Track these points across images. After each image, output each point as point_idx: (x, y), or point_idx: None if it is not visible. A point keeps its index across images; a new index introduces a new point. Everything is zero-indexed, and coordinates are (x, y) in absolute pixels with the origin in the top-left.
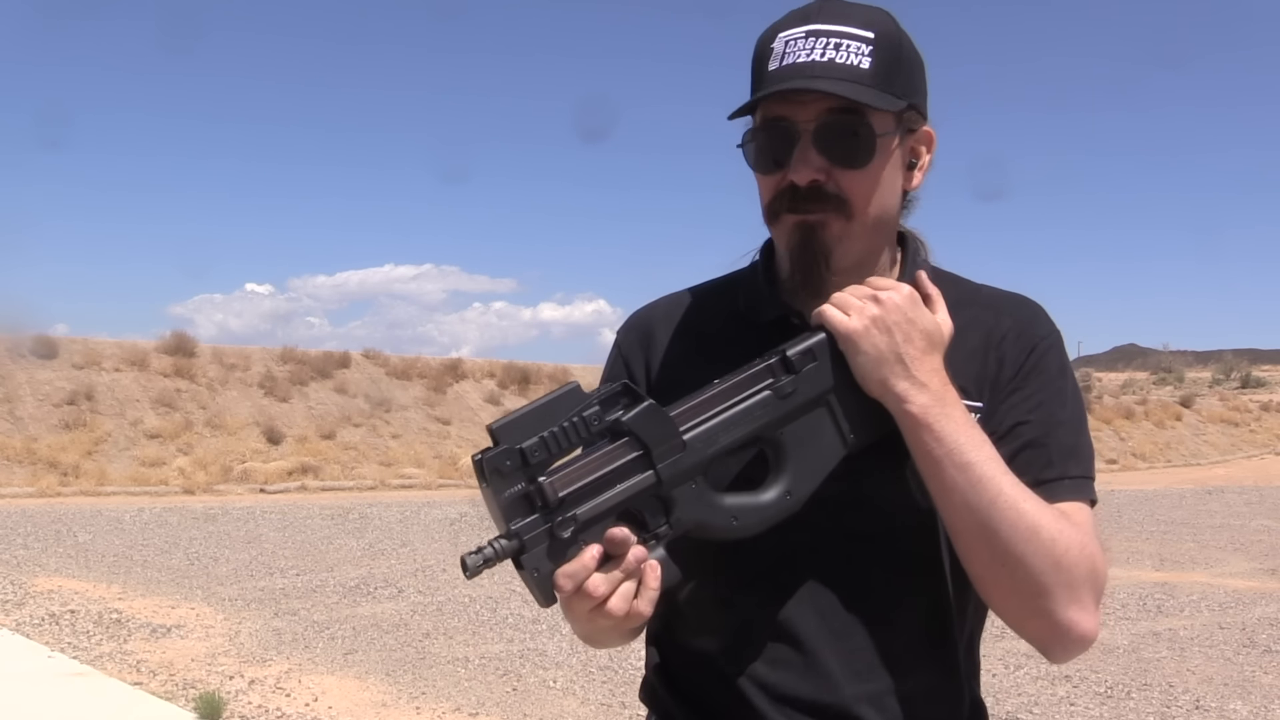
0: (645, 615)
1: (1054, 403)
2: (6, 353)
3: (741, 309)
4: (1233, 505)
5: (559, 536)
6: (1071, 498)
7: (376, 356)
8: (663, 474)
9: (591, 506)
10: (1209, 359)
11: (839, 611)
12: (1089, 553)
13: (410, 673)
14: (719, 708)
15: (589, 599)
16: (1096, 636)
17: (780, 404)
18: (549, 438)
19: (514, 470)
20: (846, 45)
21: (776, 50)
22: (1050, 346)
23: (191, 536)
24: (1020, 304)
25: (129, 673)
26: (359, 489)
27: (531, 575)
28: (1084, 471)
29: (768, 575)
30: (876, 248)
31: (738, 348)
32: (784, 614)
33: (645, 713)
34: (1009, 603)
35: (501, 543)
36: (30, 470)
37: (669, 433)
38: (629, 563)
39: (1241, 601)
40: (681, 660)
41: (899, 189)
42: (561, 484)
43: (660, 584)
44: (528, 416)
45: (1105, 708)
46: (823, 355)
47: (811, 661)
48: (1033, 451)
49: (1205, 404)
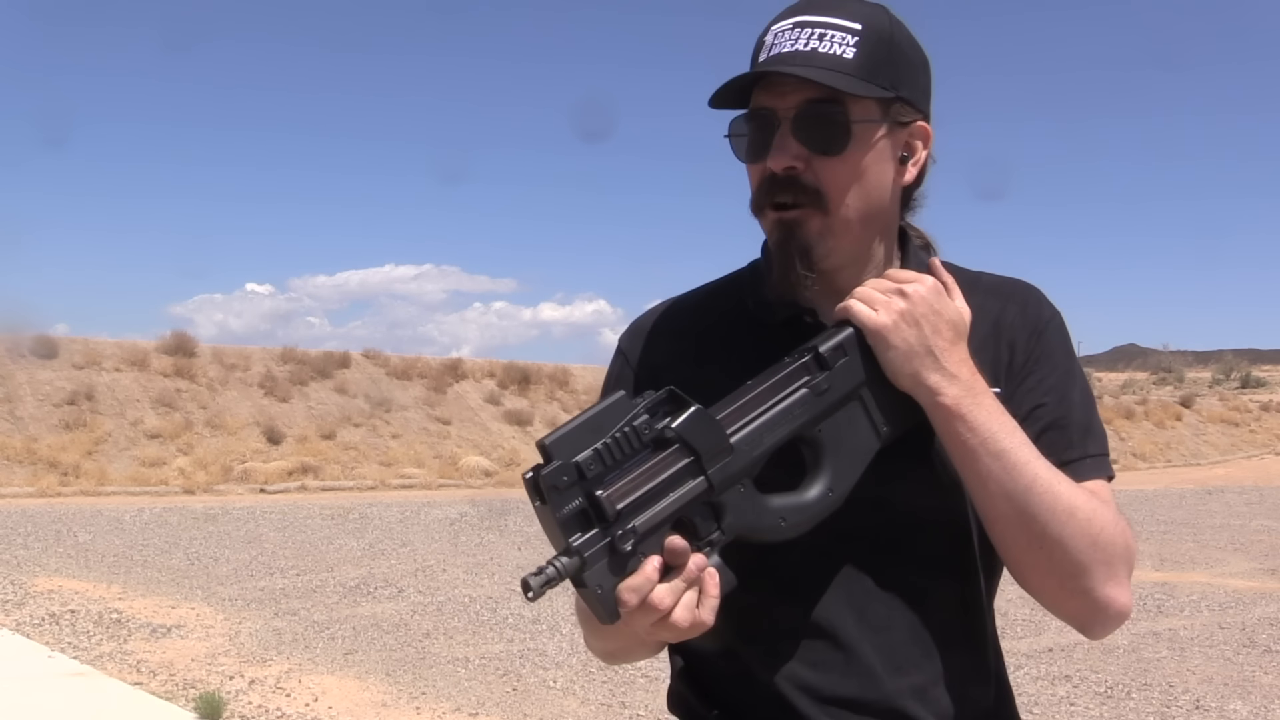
0: (708, 624)
1: (1066, 384)
2: (6, 353)
3: (750, 308)
4: (1233, 505)
5: (620, 550)
6: (1094, 475)
7: (377, 356)
8: (714, 479)
9: (649, 517)
10: (1209, 359)
11: (874, 607)
12: (1121, 529)
13: (410, 673)
14: (759, 712)
15: (653, 612)
16: (1131, 610)
17: (817, 401)
18: (602, 450)
19: (570, 485)
20: (832, 35)
21: (767, 43)
22: (1055, 328)
23: (191, 536)
24: (1021, 288)
25: (129, 673)
26: (359, 489)
27: (595, 592)
28: (1101, 449)
29: (800, 576)
30: (866, 245)
31: (745, 348)
32: (818, 613)
33: (646, 714)
34: (1047, 583)
35: (563, 561)
36: (30, 470)
37: (717, 437)
38: (690, 571)
39: (1241, 601)
40: (712, 666)
41: (887, 183)
42: (618, 496)
43: (719, 592)
44: (578, 430)
45: (1105, 708)
46: (852, 350)
47: (850, 658)
48: (1054, 434)
49: (1205, 404)
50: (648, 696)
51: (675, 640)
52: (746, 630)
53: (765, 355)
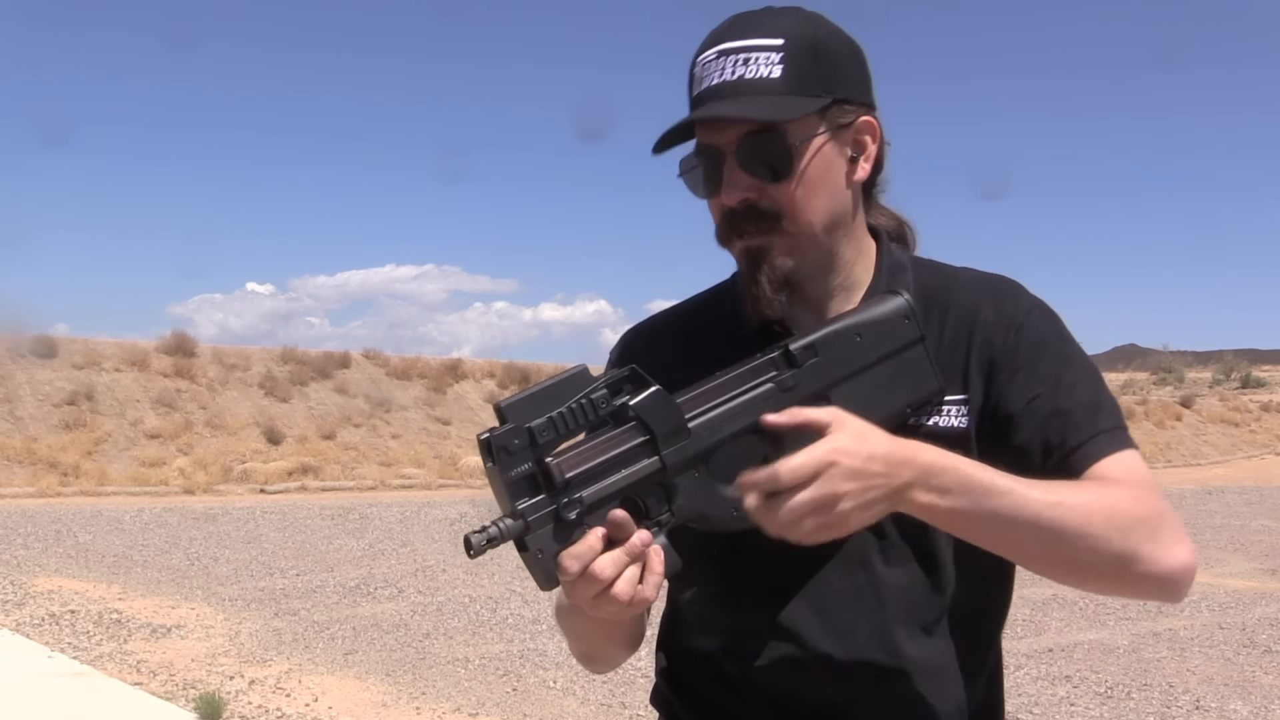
0: (650, 599)
1: (1059, 368)
2: (6, 353)
3: (731, 316)
4: (1233, 505)
5: (564, 518)
6: (1111, 450)
7: (377, 357)
8: (667, 460)
9: (597, 489)
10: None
11: (840, 608)
12: (1142, 498)
13: (410, 673)
14: (726, 709)
15: (595, 582)
16: (1195, 559)
17: (782, 397)
18: (557, 418)
19: (521, 449)
20: (754, 58)
21: (696, 76)
22: (1037, 317)
23: (191, 536)
24: (998, 284)
25: (129, 673)
26: (359, 489)
27: (535, 557)
28: (1113, 422)
29: (768, 575)
30: (833, 250)
31: (726, 359)
32: (785, 614)
33: (646, 714)
34: (1109, 586)
35: (506, 523)
36: (30, 470)
37: (675, 419)
38: (634, 545)
39: (1241, 601)
40: (688, 664)
41: (842, 186)
42: (569, 465)
43: (665, 569)
44: (536, 396)
45: (1105, 708)
46: (825, 350)
47: (815, 659)
48: (1057, 420)
49: (1205, 404)
50: (648, 696)
51: (618, 617)
52: (717, 626)
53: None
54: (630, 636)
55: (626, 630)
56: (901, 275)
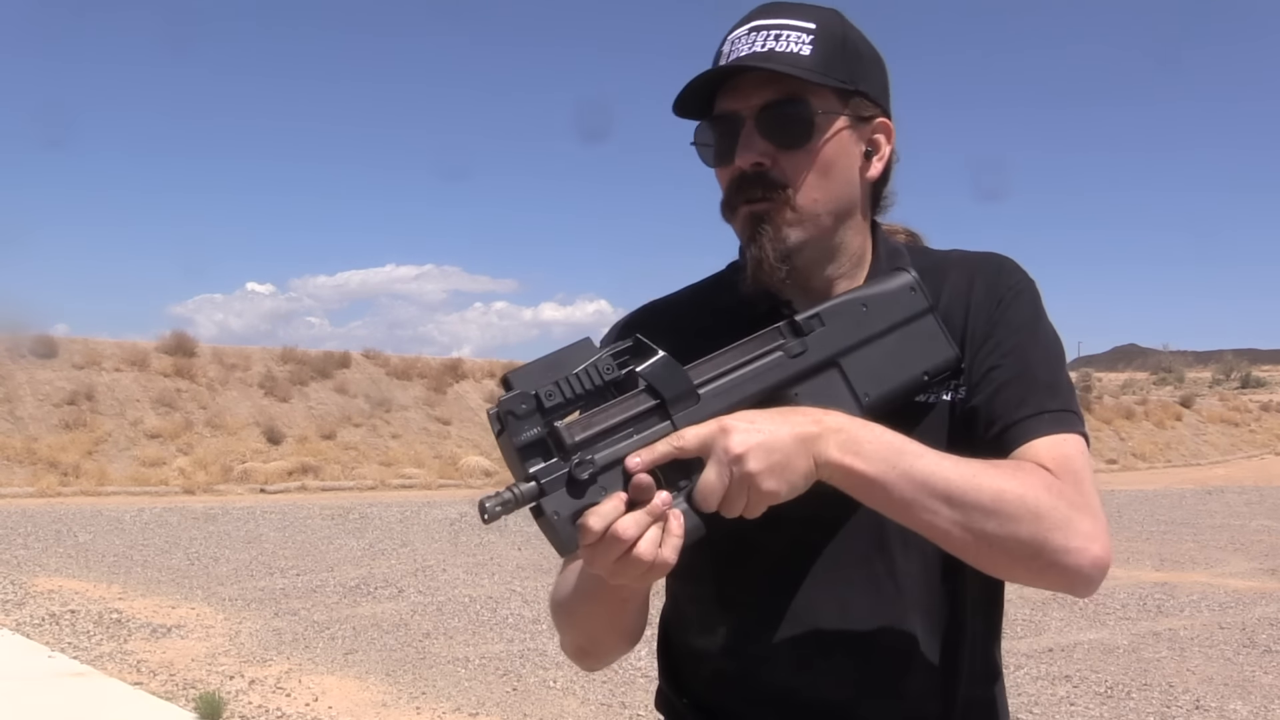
0: (670, 563)
1: (1027, 344)
2: (6, 353)
3: (732, 304)
4: (1233, 505)
5: (578, 479)
6: (1053, 430)
7: (377, 356)
8: (679, 424)
9: (610, 452)
10: (1209, 359)
11: (843, 605)
12: (1063, 489)
13: (410, 673)
14: (728, 709)
15: (617, 543)
16: (1110, 556)
17: (790, 363)
18: (563, 382)
19: (529, 414)
20: (787, 35)
21: (725, 52)
22: (1018, 294)
23: (191, 536)
24: (990, 260)
25: (129, 673)
26: (359, 489)
27: (551, 520)
28: (1064, 405)
29: (770, 573)
30: (840, 239)
31: (728, 341)
32: (788, 612)
33: (646, 714)
34: (1020, 573)
35: (520, 487)
36: (30, 470)
37: (684, 384)
38: (656, 505)
39: (1241, 601)
40: (689, 664)
41: (853, 176)
42: (578, 428)
43: (684, 532)
44: (540, 364)
45: (1105, 708)
46: (831, 320)
47: (818, 657)
48: (1009, 391)
49: (1205, 404)
50: (647, 696)
51: (638, 583)
52: (716, 623)
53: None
54: (631, 628)
55: (630, 617)
56: (899, 259)
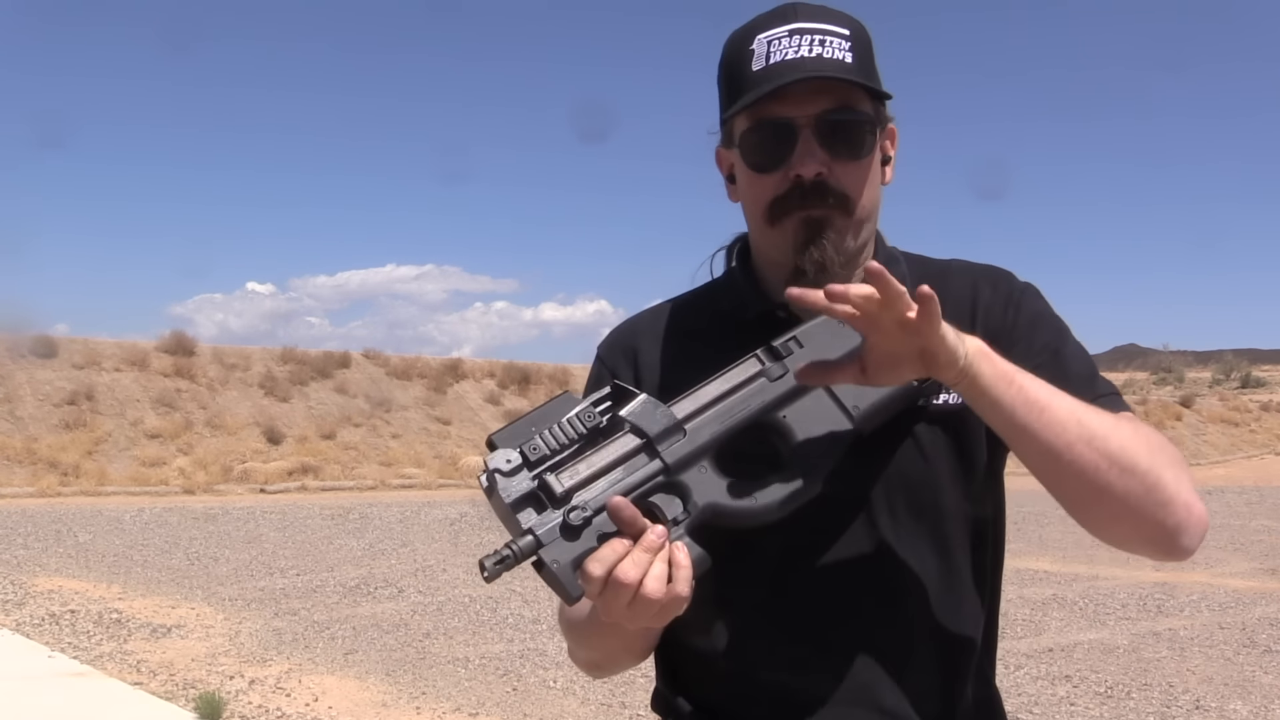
0: (683, 597)
1: (1056, 340)
2: (6, 353)
3: (725, 309)
4: (1233, 505)
5: (572, 524)
6: (1116, 411)
7: (377, 356)
8: (667, 459)
9: (601, 495)
10: (1209, 359)
11: (843, 604)
12: (1165, 443)
13: (410, 673)
14: (727, 709)
15: (622, 588)
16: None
17: (772, 387)
18: (546, 436)
19: (515, 470)
20: (830, 41)
21: (758, 51)
22: (1029, 296)
23: (191, 536)
24: (989, 270)
25: (129, 673)
26: (359, 489)
27: (553, 568)
28: (1111, 388)
29: (769, 573)
30: (866, 243)
31: (725, 347)
32: (787, 612)
33: (646, 714)
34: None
35: (518, 543)
36: (30, 470)
37: (668, 420)
38: (649, 540)
39: (1241, 601)
40: (688, 664)
41: (879, 183)
42: (567, 476)
43: (690, 563)
44: (522, 422)
45: (1105, 708)
46: (809, 341)
47: (817, 657)
48: (1058, 386)
49: (1205, 404)
50: (647, 696)
51: (655, 623)
52: (715, 624)
53: (747, 350)
54: (646, 646)
55: (646, 639)
56: (895, 268)
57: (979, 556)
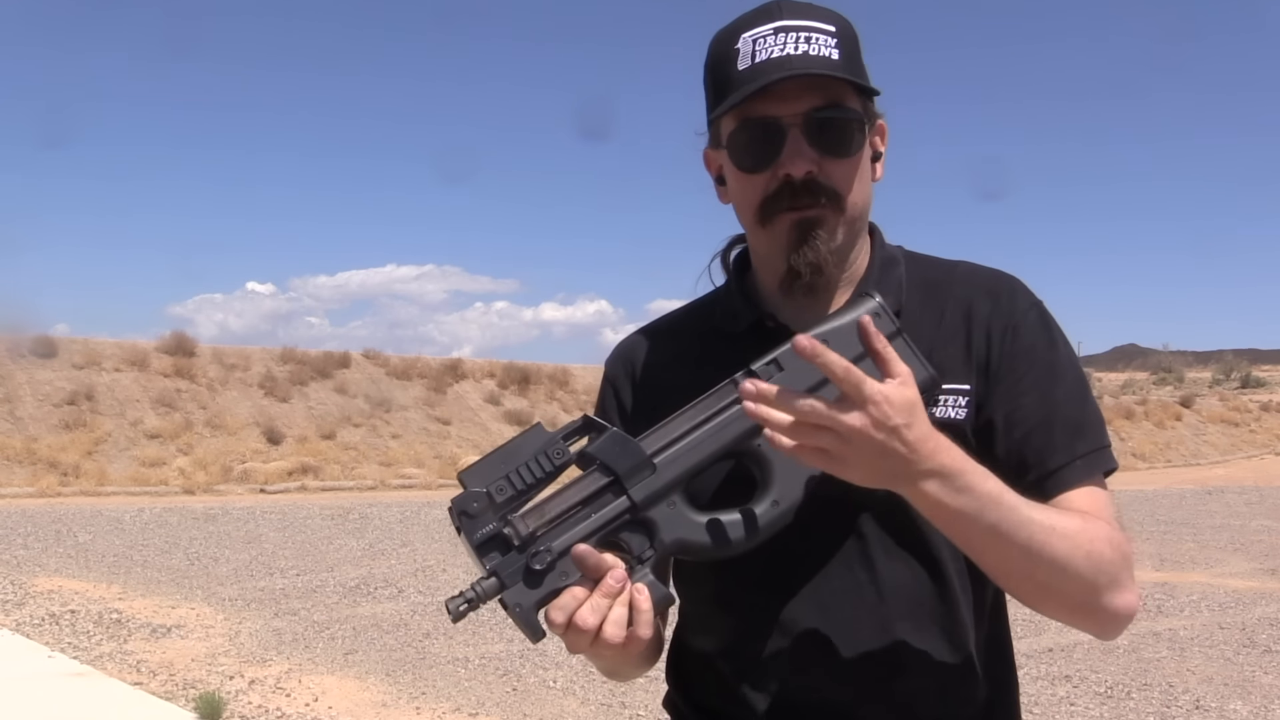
0: (645, 639)
1: (1047, 380)
2: (6, 353)
3: (717, 324)
4: (1233, 505)
5: (534, 569)
6: (1085, 480)
7: (377, 356)
8: (635, 496)
9: (566, 537)
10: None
11: (841, 606)
12: (1117, 541)
13: (410, 673)
14: (727, 711)
15: (582, 633)
16: (1138, 605)
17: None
18: (513, 475)
19: (482, 511)
20: (815, 38)
21: (743, 50)
22: (1032, 321)
23: (191, 536)
24: (997, 280)
25: (129, 673)
26: (359, 489)
27: (515, 611)
28: (1094, 444)
29: (767, 575)
30: (857, 241)
31: (716, 361)
32: (785, 613)
33: (646, 714)
34: (1060, 613)
35: (481, 584)
36: (30, 470)
37: (636, 457)
38: (608, 585)
39: (1241, 601)
40: (689, 664)
41: (870, 179)
42: (533, 518)
43: (652, 606)
44: (491, 459)
45: (1105, 708)
46: (790, 363)
47: (816, 659)
48: (1038, 438)
49: (1205, 404)
50: (648, 696)
51: (621, 659)
52: (716, 626)
53: (737, 366)
54: (646, 655)
55: (646, 653)
56: (893, 269)
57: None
